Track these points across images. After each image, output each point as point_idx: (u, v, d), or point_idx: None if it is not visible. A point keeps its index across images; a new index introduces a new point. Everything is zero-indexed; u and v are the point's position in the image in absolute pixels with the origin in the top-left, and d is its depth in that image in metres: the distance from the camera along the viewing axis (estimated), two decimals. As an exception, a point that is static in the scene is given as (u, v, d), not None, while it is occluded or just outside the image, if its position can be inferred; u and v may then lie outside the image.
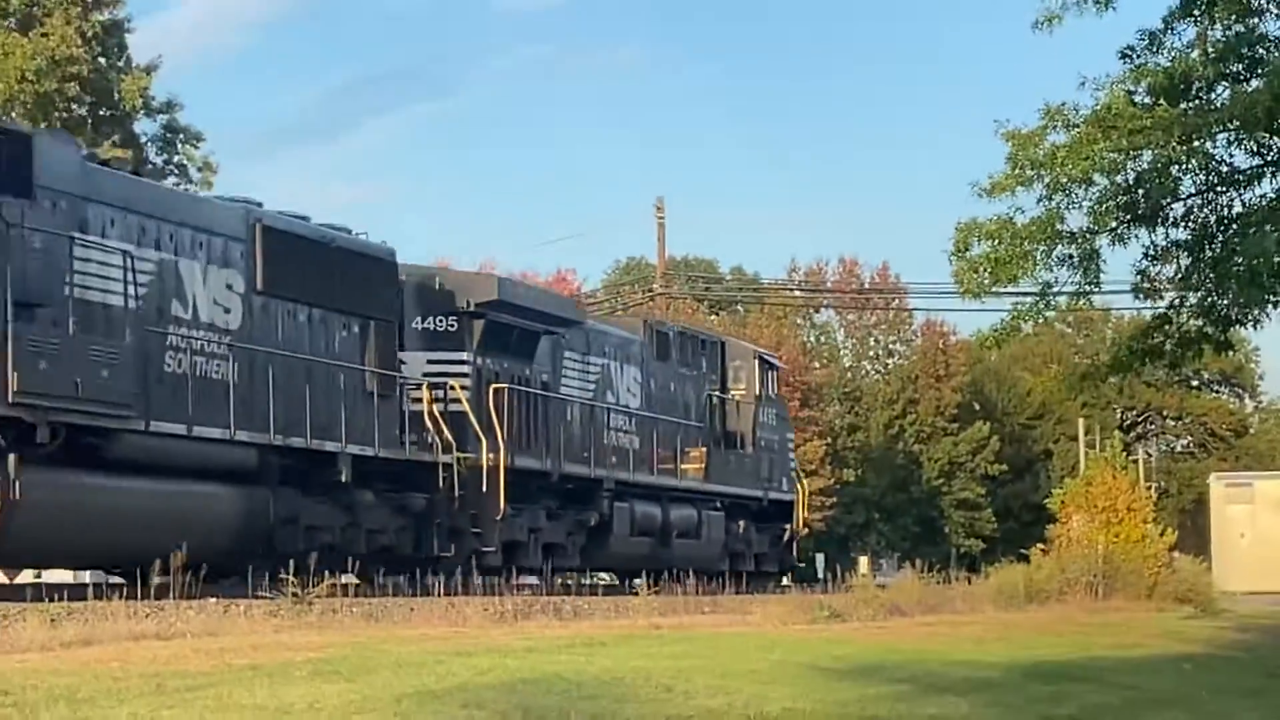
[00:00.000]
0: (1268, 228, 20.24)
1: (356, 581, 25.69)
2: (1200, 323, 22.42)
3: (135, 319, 23.38)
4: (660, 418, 39.02)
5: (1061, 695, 18.49)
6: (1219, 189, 22.01)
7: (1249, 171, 21.75)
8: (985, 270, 21.43)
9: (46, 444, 21.41)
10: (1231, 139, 21.34)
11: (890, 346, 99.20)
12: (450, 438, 29.85)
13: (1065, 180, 21.20)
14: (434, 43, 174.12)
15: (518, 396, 32.89)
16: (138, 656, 15.25)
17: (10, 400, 20.52)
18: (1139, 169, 21.42)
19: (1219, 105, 21.00)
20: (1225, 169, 21.81)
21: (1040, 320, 26.58)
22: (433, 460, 29.52)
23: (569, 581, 33.69)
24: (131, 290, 23.14)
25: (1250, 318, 21.95)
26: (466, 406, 30.57)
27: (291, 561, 23.04)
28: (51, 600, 19.92)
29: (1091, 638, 26.97)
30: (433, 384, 30.69)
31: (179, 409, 23.95)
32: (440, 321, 32.12)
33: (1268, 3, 21.34)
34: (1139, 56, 21.87)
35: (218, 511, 25.59)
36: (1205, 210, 22.06)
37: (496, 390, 31.77)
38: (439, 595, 25.56)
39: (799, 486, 45.67)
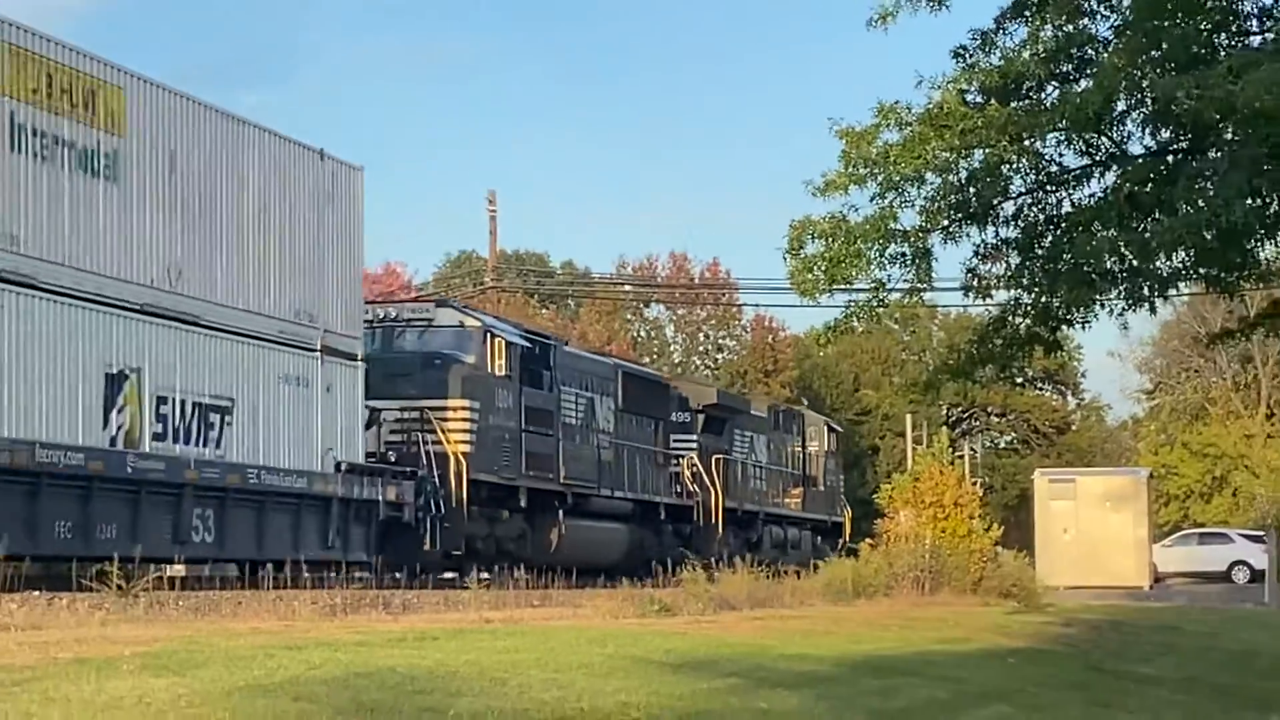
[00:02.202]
0: (1096, 226, 20.73)
1: (184, 574, 26.30)
2: (1031, 323, 22.70)
3: (581, 430, 43.26)
4: (776, 469, 57.64)
5: (891, 689, 18.76)
6: (1049, 188, 22.22)
7: (1078, 171, 21.93)
8: (820, 269, 21.39)
9: (569, 504, 41.22)
10: (1061, 139, 21.39)
11: (720, 341, 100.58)
12: (694, 489, 49.08)
13: (898, 178, 21.16)
14: (263, 33, 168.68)
15: (722, 462, 50.94)
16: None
17: (561, 481, 40.63)
18: (970, 168, 21.40)
19: (1049, 105, 21.27)
20: (1055, 168, 22.02)
21: (874, 319, 26.80)
22: (690, 504, 48.96)
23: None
24: (580, 416, 43.29)
25: (1079, 317, 22.32)
26: (700, 469, 49.50)
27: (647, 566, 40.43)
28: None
29: (919, 632, 27.37)
30: (675, 456, 49.29)
31: (605, 481, 44.05)
32: (680, 415, 50.97)
33: (1098, 4, 21.74)
34: (971, 56, 21.89)
35: (620, 538, 45.00)
36: (1035, 209, 22.25)
37: (716, 459, 50.15)
38: (268, 589, 25.43)
39: (846, 512, 63.39)
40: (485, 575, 34.27)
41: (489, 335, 37.98)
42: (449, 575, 35.34)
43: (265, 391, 29.55)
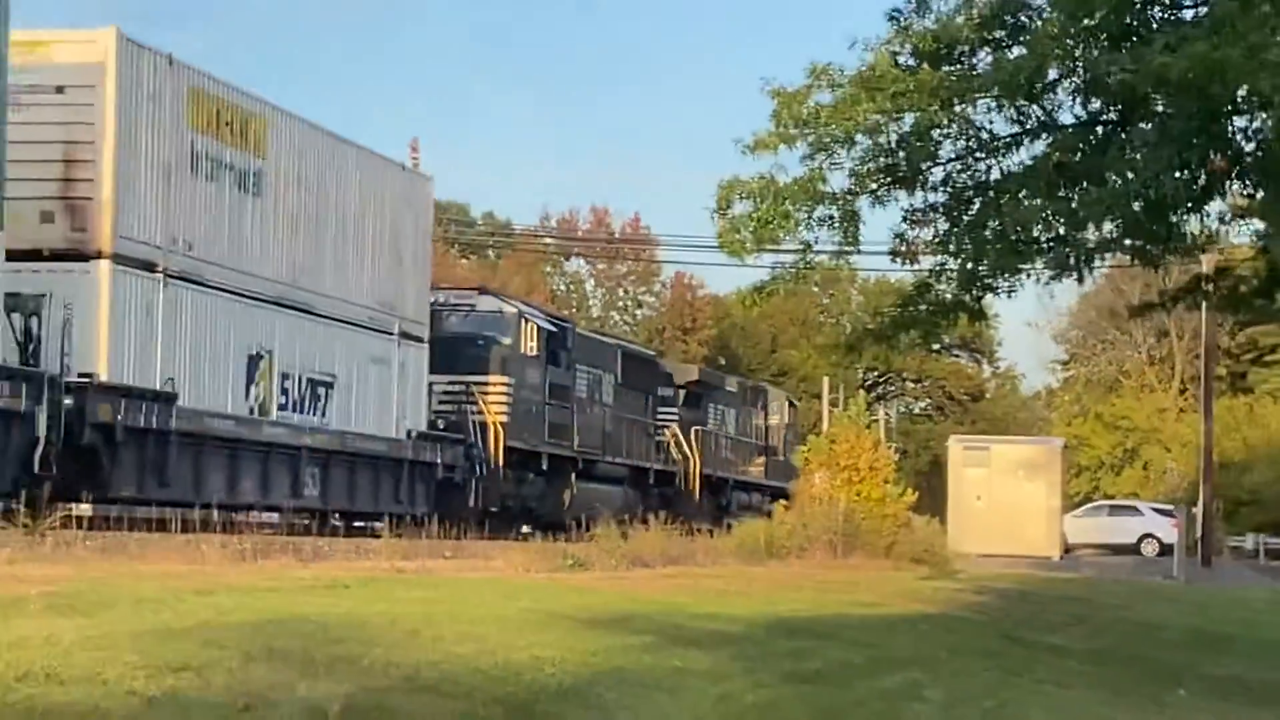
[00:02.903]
0: (1024, 195, 21.17)
1: (91, 513, 26.95)
2: (957, 290, 23.02)
3: (590, 403, 50.17)
4: (744, 440, 65.21)
5: (805, 652, 18.81)
6: (978, 155, 22.38)
7: (1008, 139, 22.15)
8: (747, 230, 21.69)
9: (580, 468, 48.45)
10: (992, 105, 21.69)
11: (639, 298, 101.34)
12: (676, 456, 56.96)
13: (828, 140, 21.51)
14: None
15: (700, 433, 58.60)
16: None
17: (575, 449, 47.63)
18: (900, 131, 21.78)
19: (981, 71, 21.63)
20: (985, 135, 22.24)
21: (800, 281, 27.41)
22: (673, 470, 56.99)
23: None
24: (589, 391, 50.34)
25: (1005, 285, 22.71)
26: (681, 439, 57.37)
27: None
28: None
29: (832, 595, 27.70)
30: (661, 427, 57.09)
31: (608, 449, 51.54)
32: (665, 390, 58.86)
33: None
34: (905, 19, 22.01)
35: (616, 499, 50.24)
36: (964, 176, 22.48)
37: (694, 430, 57.99)
38: (176, 531, 26.12)
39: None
40: (526, 530, 44.00)
41: (522, 320, 44.92)
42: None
43: (358, 369, 35.48)
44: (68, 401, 25.66)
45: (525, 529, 45.01)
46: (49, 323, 26.20)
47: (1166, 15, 21.50)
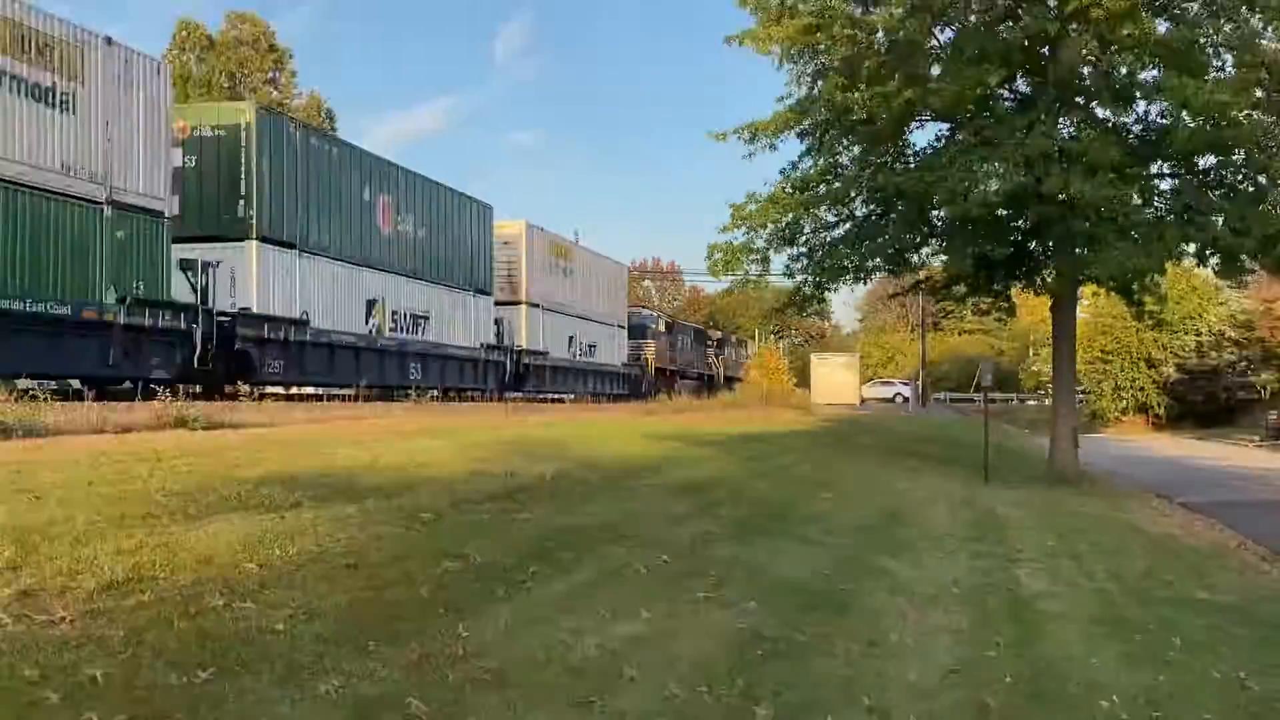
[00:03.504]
0: (840, 247, 22.62)
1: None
2: (811, 290, 23.33)
3: (681, 349, 60.82)
4: (730, 360, 67.58)
5: (753, 446, 20.86)
6: (820, 232, 23.19)
7: (834, 223, 23.19)
8: (720, 265, 22.57)
9: (679, 374, 56.56)
10: (827, 207, 22.78)
11: (674, 298, 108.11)
12: (714, 369, 63.40)
13: (755, 225, 22.18)
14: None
15: (720, 359, 65.37)
16: None
17: (676, 367, 57.22)
18: (786, 221, 22.39)
19: (821, 193, 22.43)
20: (825, 222, 23.12)
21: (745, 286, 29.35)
22: (713, 374, 62.08)
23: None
24: (680, 345, 60.17)
25: (833, 287, 23.41)
26: (714, 361, 64.70)
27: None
28: None
29: (761, 424, 28.46)
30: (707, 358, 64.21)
31: (689, 367, 60.32)
32: (708, 343, 65.88)
33: (843, 150, 22.85)
34: (788, 172, 22.89)
35: (691, 387, 54.91)
36: (814, 239, 23.14)
37: (720, 358, 65.51)
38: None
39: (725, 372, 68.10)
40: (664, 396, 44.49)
41: (659, 318, 59.97)
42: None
43: (446, 309, 32.34)
44: (224, 321, 22.85)
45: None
46: (220, 279, 22.76)
47: (903, 160, 22.47)
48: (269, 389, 25.15)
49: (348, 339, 27.51)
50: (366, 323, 28.56)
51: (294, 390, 27.65)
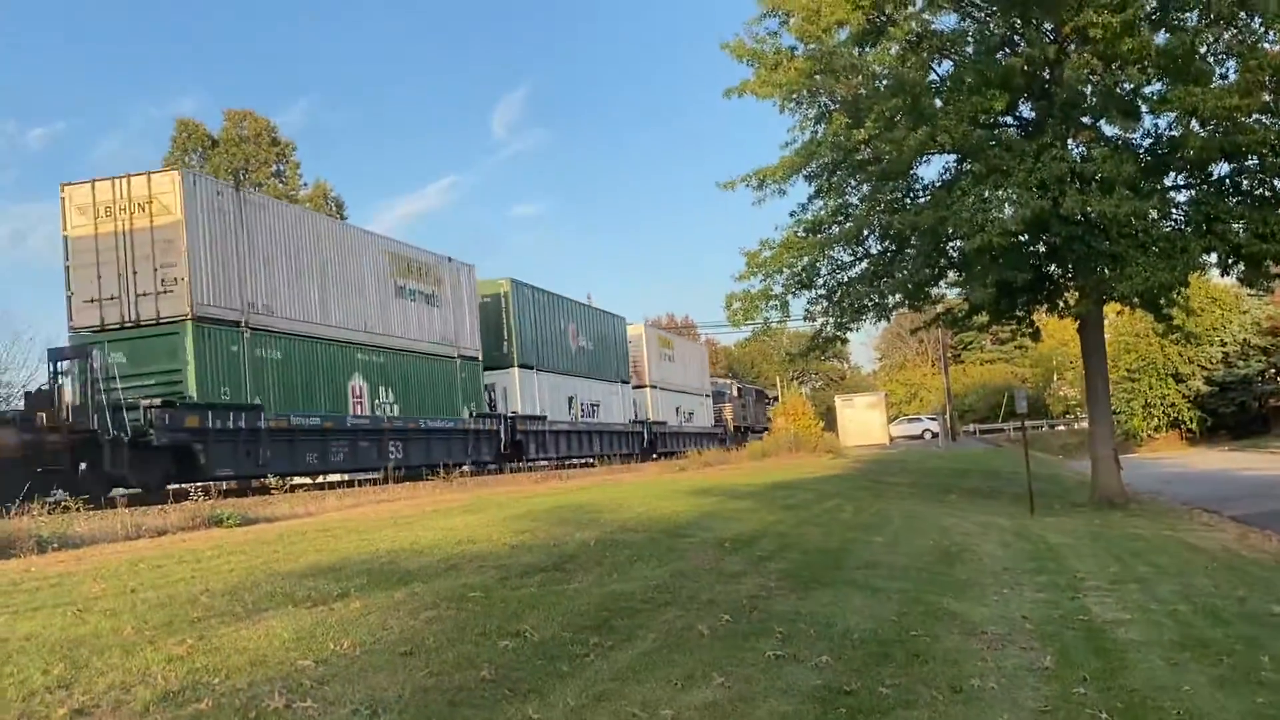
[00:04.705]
0: (859, 286, 22.99)
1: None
2: (831, 331, 23.67)
3: (746, 409, 68.96)
4: (754, 411, 70.01)
5: (787, 495, 20.33)
6: (838, 272, 23.47)
7: (849, 262, 23.54)
8: (739, 314, 22.75)
9: (745, 432, 58.58)
10: (841, 248, 22.99)
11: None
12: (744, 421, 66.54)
13: (772, 271, 22.43)
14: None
15: (741, 411, 66.97)
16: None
17: (745, 425, 63.77)
18: (803, 264, 22.60)
19: (835, 234, 22.80)
20: (840, 262, 23.41)
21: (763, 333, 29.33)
22: (745, 427, 65.32)
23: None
24: (744, 404, 68.77)
25: (853, 327, 23.74)
26: (751, 412, 69.19)
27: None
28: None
29: (793, 470, 28.21)
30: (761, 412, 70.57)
31: (750, 423, 66.43)
32: (747, 396, 70.33)
33: (852, 190, 23.20)
34: (798, 214, 23.43)
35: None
36: (832, 280, 23.45)
37: (739, 410, 66.73)
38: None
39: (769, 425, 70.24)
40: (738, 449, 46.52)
41: (733, 385, 68.43)
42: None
43: (606, 396, 43.67)
44: (509, 422, 34.58)
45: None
46: (498, 394, 34.41)
47: (913, 196, 22.87)
48: (298, 479, 25.68)
49: (563, 425, 38.92)
50: (568, 412, 39.65)
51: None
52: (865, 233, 22.61)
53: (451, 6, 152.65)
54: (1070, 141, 21.07)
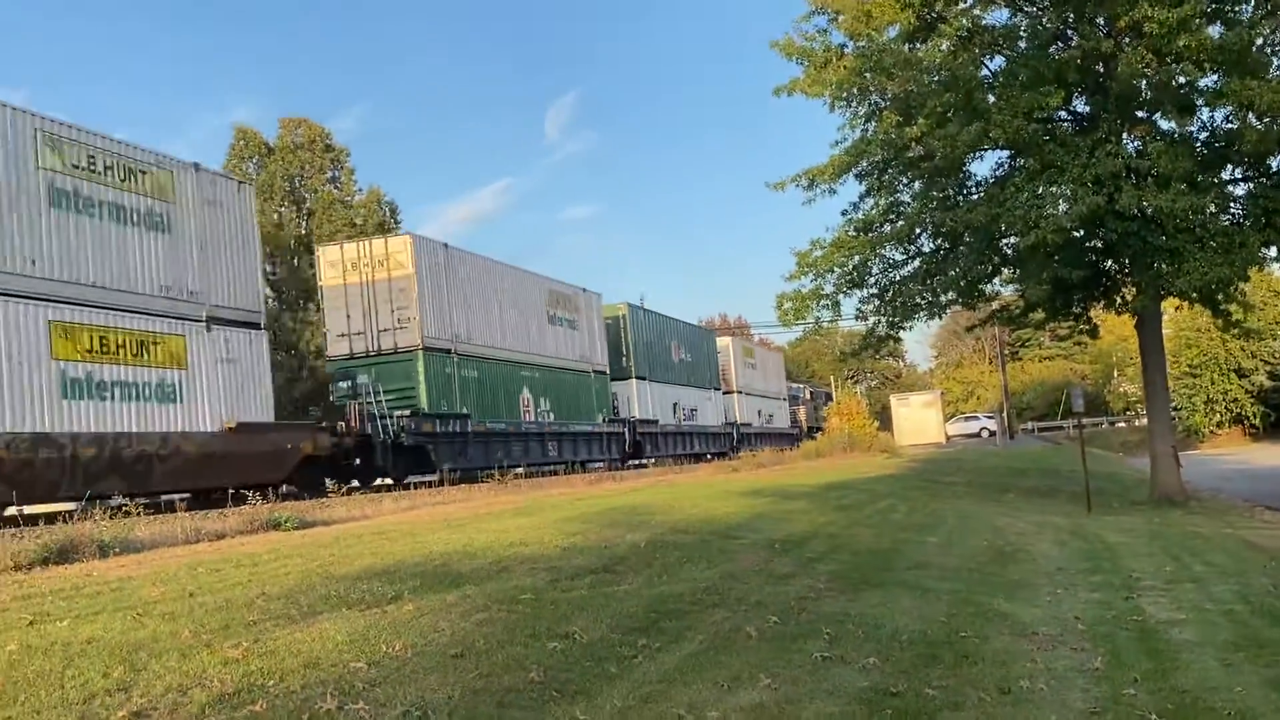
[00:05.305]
0: (911, 284, 22.75)
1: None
2: (885, 330, 23.26)
3: (812, 409, 71.36)
4: (813, 411, 73.23)
5: (841, 495, 20.46)
6: (889, 271, 23.22)
7: (901, 260, 23.27)
8: (790, 313, 22.60)
9: (807, 430, 61.13)
10: (894, 246, 22.69)
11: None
12: (800, 422, 68.56)
13: (823, 271, 22.30)
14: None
15: (805, 412, 70.49)
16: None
17: (810, 424, 64.53)
18: (854, 263, 22.47)
19: (886, 232, 22.58)
20: (892, 260, 23.20)
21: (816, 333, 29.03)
22: (811, 425, 67.85)
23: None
24: (813, 404, 74.24)
25: (906, 325, 23.29)
26: (811, 413, 71.56)
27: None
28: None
29: (847, 470, 28.32)
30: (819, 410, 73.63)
31: (811, 423, 65.15)
32: (818, 397, 77.11)
33: (904, 187, 22.94)
34: (850, 213, 23.25)
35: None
36: (884, 278, 23.20)
37: (806, 412, 71.40)
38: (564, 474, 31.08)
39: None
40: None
41: (806, 389, 72.55)
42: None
43: (700, 403, 49.16)
44: (632, 425, 40.48)
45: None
46: (620, 401, 40.42)
47: (966, 193, 22.49)
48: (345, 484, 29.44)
49: (670, 427, 44.97)
50: (673, 416, 45.42)
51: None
52: (917, 231, 22.39)
53: (504, 11, 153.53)
54: (1125, 136, 20.80)
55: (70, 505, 17.26)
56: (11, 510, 17.43)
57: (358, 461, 26.31)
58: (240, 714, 5.56)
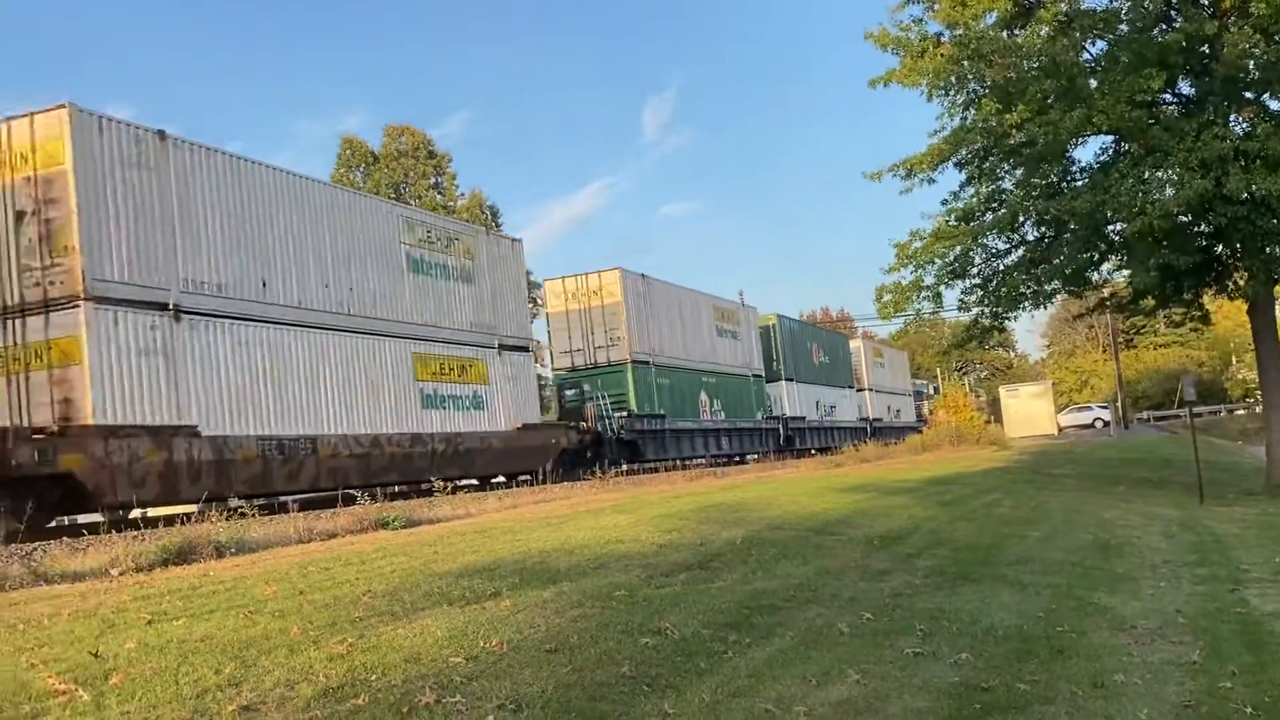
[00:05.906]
0: (1015, 274, 22.43)
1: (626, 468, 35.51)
2: (989, 320, 23.14)
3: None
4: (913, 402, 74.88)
5: (944, 490, 20.30)
6: (991, 261, 23.06)
7: (1004, 250, 23.08)
8: (890, 306, 22.52)
9: (873, 421, 57.95)
10: (995, 235, 22.53)
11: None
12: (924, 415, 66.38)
13: (923, 262, 22.10)
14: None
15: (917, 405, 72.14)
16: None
17: (874, 416, 59.28)
18: (955, 254, 22.30)
19: (987, 221, 22.33)
20: (993, 250, 23.01)
21: (916, 327, 28.20)
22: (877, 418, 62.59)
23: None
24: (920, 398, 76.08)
25: (1010, 316, 23.20)
26: (926, 410, 67.08)
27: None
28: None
29: (953, 464, 28.17)
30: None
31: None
32: (919, 395, 76.09)
33: (1005, 175, 22.66)
34: (949, 202, 23.09)
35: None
36: (987, 268, 23.08)
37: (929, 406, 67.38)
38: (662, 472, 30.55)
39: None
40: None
41: (929, 385, 67.89)
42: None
43: (838, 399, 55.13)
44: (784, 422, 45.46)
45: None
46: (773, 399, 45.92)
47: (1069, 180, 22.18)
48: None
49: (813, 421, 50.60)
50: (816, 413, 51.35)
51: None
52: (1020, 219, 22.02)
53: (598, 11, 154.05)
54: (1232, 118, 20.27)
55: (191, 507, 18.03)
56: (136, 513, 18.32)
57: (589, 455, 31.65)
58: (344, 707, 5.74)
